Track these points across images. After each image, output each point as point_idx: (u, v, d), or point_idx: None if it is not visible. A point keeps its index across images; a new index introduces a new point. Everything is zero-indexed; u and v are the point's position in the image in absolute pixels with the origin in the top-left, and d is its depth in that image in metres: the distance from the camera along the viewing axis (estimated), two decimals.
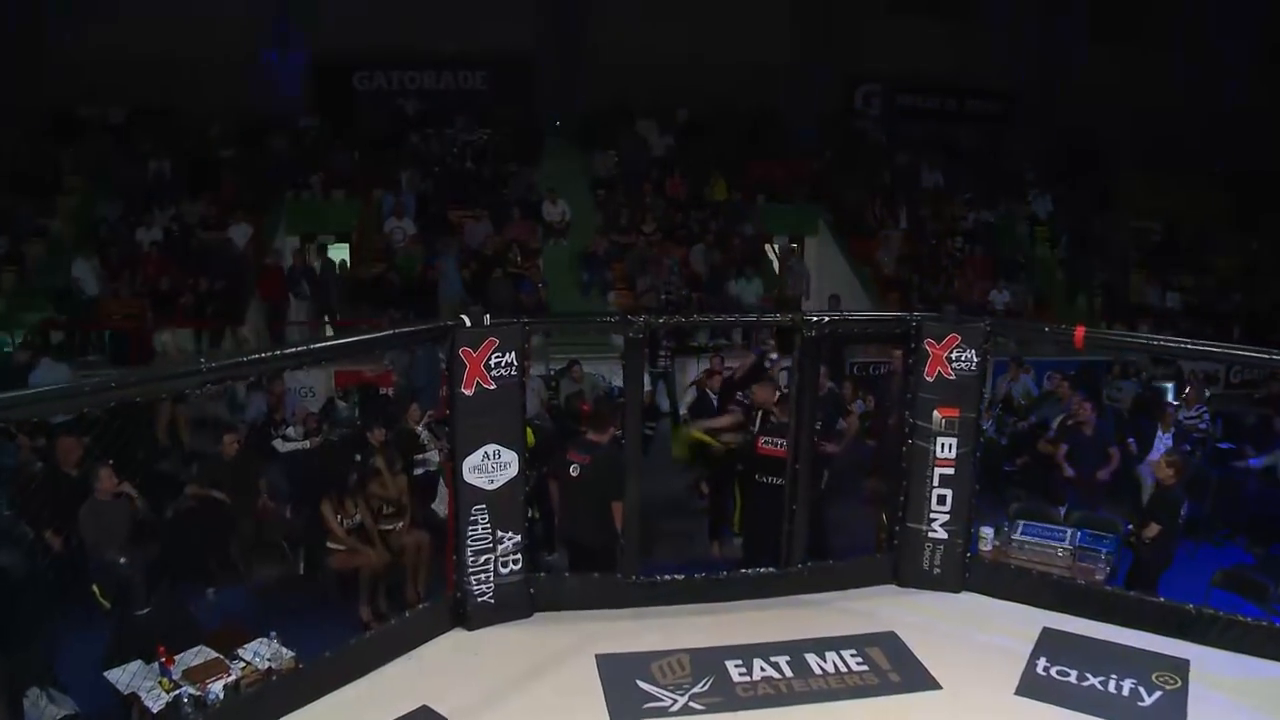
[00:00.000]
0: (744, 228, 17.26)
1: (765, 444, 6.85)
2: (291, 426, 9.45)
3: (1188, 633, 6.16)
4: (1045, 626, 6.21)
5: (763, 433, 6.97)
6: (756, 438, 6.98)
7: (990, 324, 6.25)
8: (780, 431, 6.93)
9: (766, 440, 6.86)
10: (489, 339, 5.36)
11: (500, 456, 5.54)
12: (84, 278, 13.10)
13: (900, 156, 20.14)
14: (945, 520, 6.51)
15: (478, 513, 5.54)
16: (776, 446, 6.78)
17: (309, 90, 18.11)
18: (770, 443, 6.84)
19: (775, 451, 6.77)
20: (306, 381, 12.10)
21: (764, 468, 6.81)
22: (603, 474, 6.11)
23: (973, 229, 18.28)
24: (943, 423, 6.35)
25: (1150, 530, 6.96)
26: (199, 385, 4.17)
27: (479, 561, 5.60)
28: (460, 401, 5.37)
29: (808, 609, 6.25)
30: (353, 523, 7.17)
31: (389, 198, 15.30)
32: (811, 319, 5.92)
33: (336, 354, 4.71)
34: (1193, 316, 16.88)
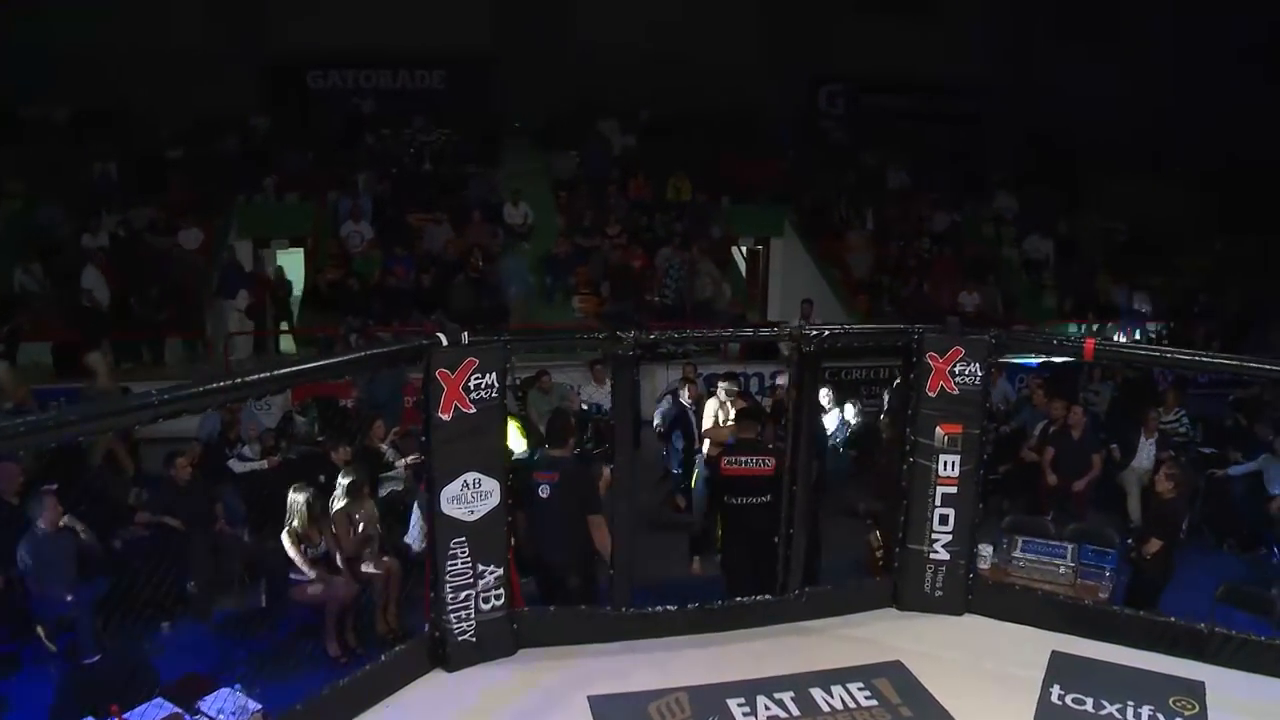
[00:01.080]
0: (711, 230, 16.93)
1: (729, 464, 6.55)
2: (248, 445, 8.94)
3: (1200, 653, 5.92)
4: (1054, 650, 5.92)
5: (729, 452, 6.68)
6: (720, 458, 6.65)
7: (995, 336, 5.96)
8: (751, 449, 6.63)
9: (731, 460, 6.56)
10: (468, 359, 4.95)
11: (481, 485, 5.13)
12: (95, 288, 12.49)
13: (866, 157, 19.96)
14: (947, 541, 6.21)
15: (457, 546, 5.12)
16: (742, 465, 6.49)
17: (261, 89, 17.52)
18: (735, 462, 6.53)
19: (742, 471, 6.48)
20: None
21: (731, 489, 6.51)
22: (574, 489, 5.77)
23: (941, 230, 18.12)
24: (945, 439, 6.04)
25: (1151, 546, 6.75)
26: (151, 420, 3.71)
27: (459, 598, 5.18)
28: (437, 427, 4.95)
29: (808, 638, 5.91)
30: (317, 552, 6.72)
31: (345, 200, 14.78)
32: (810, 333, 5.58)
33: (304, 379, 4.26)
34: (1161, 317, 16.87)
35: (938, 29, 21.01)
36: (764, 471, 6.61)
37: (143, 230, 13.98)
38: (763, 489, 6.60)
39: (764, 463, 6.62)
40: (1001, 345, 6.03)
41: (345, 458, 7.67)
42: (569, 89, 18.81)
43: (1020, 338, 6.15)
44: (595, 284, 15.60)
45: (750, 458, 6.61)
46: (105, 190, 14.76)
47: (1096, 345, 5.82)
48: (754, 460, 6.60)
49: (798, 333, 5.55)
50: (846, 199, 18.46)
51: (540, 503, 5.70)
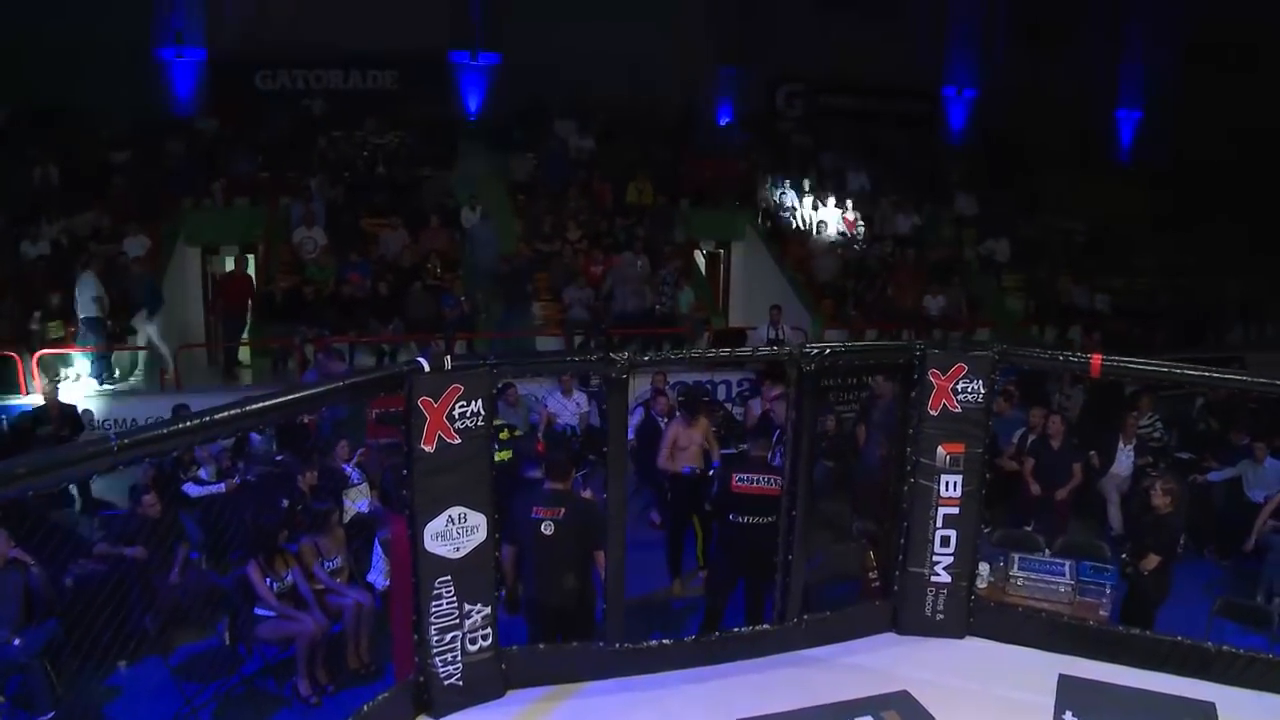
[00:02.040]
0: (673, 234, 16.66)
1: (740, 481, 6.28)
2: (203, 467, 8.46)
3: (1207, 672, 5.78)
4: (1060, 674, 5.74)
5: (739, 469, 6.41)
6: (730, 474, 6.38)
7: (999, 353, 5.74)
8: (759, 468, 6.38)
9: (742, 478, 6.29)
10: (453, 386, 4.59)
11: (466, 520, 4.78)
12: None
13: (825, 158, 19.83)
14: (949, 563, 6.00)
15: (442, 585, 4.77)
16: (753, 484, 6.24)
17: (208, 90, 16.83)
18: (746, 480, 6.28)
19: (753, 489, 6.22)
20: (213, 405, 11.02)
21: (739, 506, 6.24)
22: (582, 525, 5.41)
23: (904, 233, 18.04)
24: (947, 459, 5.83)
25: (1150, 562, 6.59)
26: (109, 469, 3.33)
27: (444, 640, 4.83)
28: (419, 459, 4.59)
29: (809, 668, 5.65)
30: (284, 585, 6.31)
31: (297, 205, 14.21)
32: (810, 352, 5.31)
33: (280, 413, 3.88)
34: (1121, 318, 16.93)
35: (892, 29, 20.98)
36: (772, 492, 6.35)
37: (86, 238, 13.30)
38: (769, 509, 6.36)
39: (774, 482, 6.36)
40: (1005, 361, 5.82)
41: (313, 482, 7.28)
42: (524, 89, 18.44)
43: (1023, 354, 5.92)
44: (556, 290, 15.26)
45: (763, 476, 6.34)
46: (46, 195, 14.05)
47: (1103, 362, 5.61)
48: (766, 479, 6.34)
49: (798, 352, 5.27)
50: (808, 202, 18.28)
51: (542, 540, 5.34)
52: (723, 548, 6.55)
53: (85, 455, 3.28)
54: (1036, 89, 20.41)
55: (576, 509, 5.48)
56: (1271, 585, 8.31)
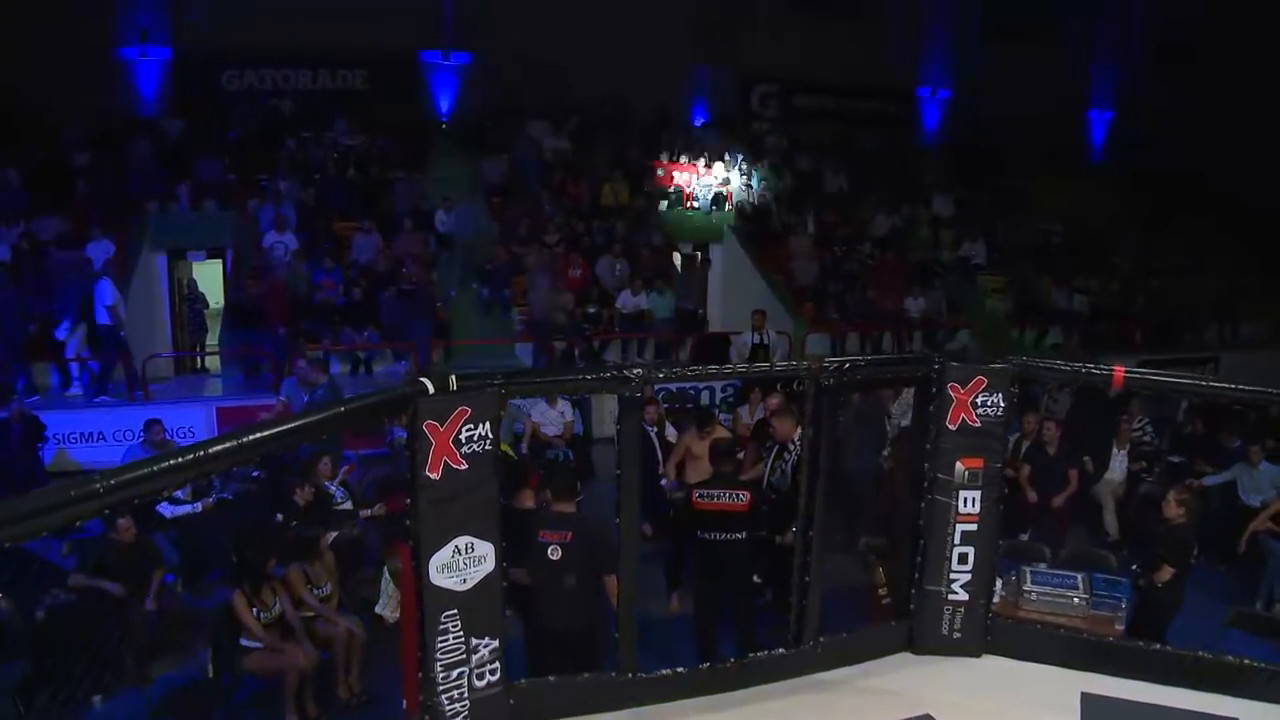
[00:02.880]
0: (652, 236, 16.43)
1: (701, 498, 6.12)
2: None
3: (1229, 687, 5.61)
4: (1083, 692, 5.54)
5: (701, 486, 6.25)
6: (691, 492, 6.17)
7: (1019, 365, 5.55)
8: (725, 484, 6.20)
9: (703, 494, 6.14)
10: (460, 408, 4.30)
11: (474, 550, 4.48)
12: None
13: (802, 160, 19.69)
14: (966, 580, 5.78)
15: (448, 620, 4.47)
16: (715, 500, 6.09)
17: (172, 90, 16.32)
18: (708, 496, 6.11)
19: (715, 506, 6.07)
20: (182, 421, 10.68)
21: (704, 524, 6.09)
22: (592, 549, 5.15)
23: (882, 235, 17.94)
24: (966, 475, 5.61)
25: (1164, 574, 6.45)
26: (96, 513, 3.02)
27: (451, 677, 4.53)
28: (424, 488, 4.29)
29: (827, 693, 5.41)
30: (271, 615, 5.99)
31: (267, 208, 13.81)
32: (829, 366, 5.08)
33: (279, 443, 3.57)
34: (1099, 320, 16.95)
35: (867, 30, 20.91)
36: (738, 507, 6.18)
37: (48, 243, 12.82)
38: (737, 525, 6.18)
39: (738, 497, 6.19)
40: (1026, 374, 5.63)
41: (308, 497, 6.98)
42: (496, 89, 18.12)
43: (1044, 365, 5.73)
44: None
45: (724, 492, 6.18)
46: (6, 199, 13.52)
47: (1126, 374, 5.44)
48: (728, 495, 6.18)
49: (816, 367, 5.04)
50: (786, 203, 18.15)
51: (548, 566, 5.07)
52: (700, 567, 6.31)
53: (67, 500, 2.95)
54: (1009, 90, 20.40)
55: (585, 532, 5.21)
56: (1272, 591, 8.27)
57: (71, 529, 8.12)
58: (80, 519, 3.02)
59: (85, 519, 3.03)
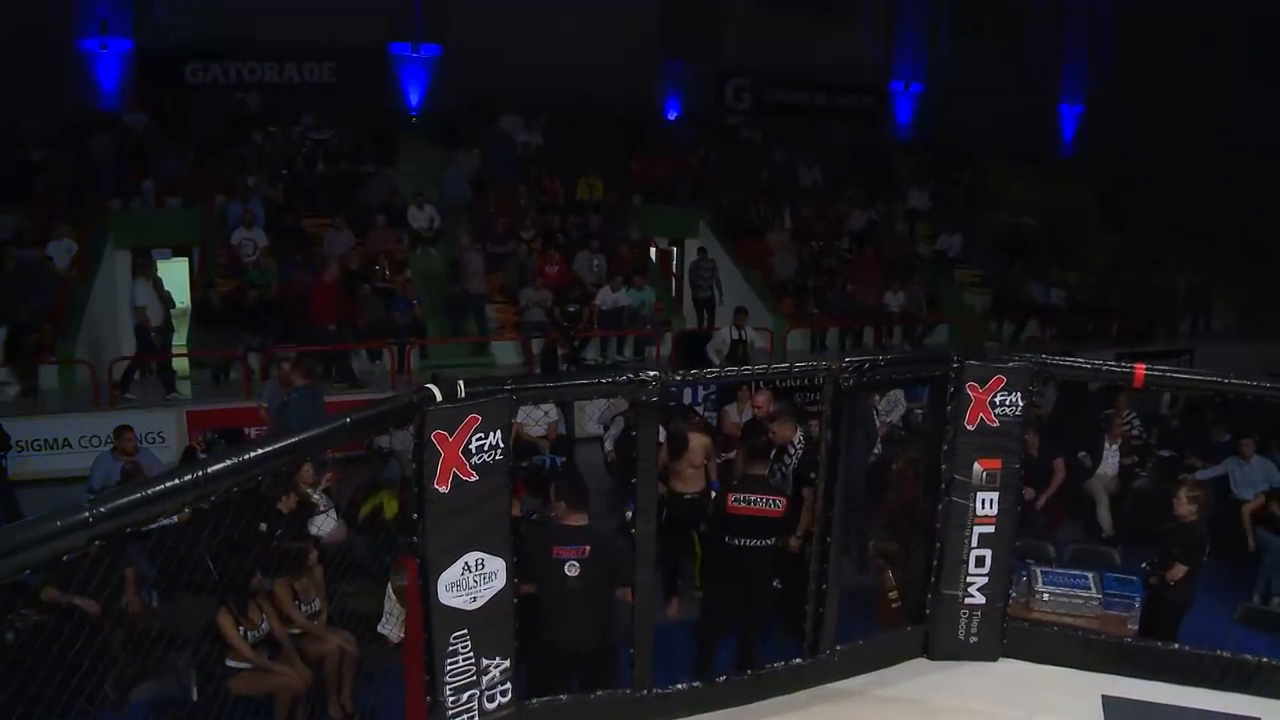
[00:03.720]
0: (629, 231, 16.20)
1: (737, 502, 5.85)
2: None
3: (1249, 686, 5.50)
4: (1103, 695, 5.41)
5: (734, 490, 5.97)
6: (726, 494, 5.94)
7: (1038, 364, 5.39)
8: (760, 488, 5.96)
9: (739, 499, 5.87)
10: (470, 416, 4.05)
11: (484, 566, 4.23)
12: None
13: (776, 153, 19.54)
14: (983, 584, 5.62)
15: (458, 640, 4.21)
16: (752, 505, 5.83)
17: (135, 84, 15.76)
18: (743, 500, 5.85)
19: (750, 510, 5.81)
20: (151, 426, 10.28)
21: (734, 529, 5.82)
22: (610, 563, 4.90)
23: (859, 229, 17.84)
24: (984, 476, 5.45)
25: (1176, 572, 6.33)
26: (87, 546, 2.73)
27: (461, 700, 4.28)
28: (433, 501, 4.03)
29: (849, 703, 5.23)
30: (259, 633, 5.69)
31: (235, 205, 13.39)
32: (848, 367, 4.88)
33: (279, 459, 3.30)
34: (1076, 313, 16.96)
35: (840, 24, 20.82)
36: (773, 513, 5.96)
37: (7, 242, 12.31)
38: (769, 531, 5.97)
39: (774, 503, 5.96)
40: (1044, 373, 5.47)
41: (292, 505, 6.68)
42: (467, 83, 17.78)
43: (1062, 364, 5.58)
44: (511, 292, 14.70)
45: (761, 497, 5.93)
46: None
47: (1147, 372, 5.30)
48: (764, 500, 5.94)
49: (836, 367, 4.84)
50: (763, 197, 17.99)
51: (564, 583, 4.81)
52: (718, 573, 6.10)
53: (52, 533, 2.65)
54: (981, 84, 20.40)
55: (601, 544, 4.94)
56: (1269, 585, 8.22)
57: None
58: (68, 553, 2.72)
59: (74, 553, 2.73)
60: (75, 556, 2.74)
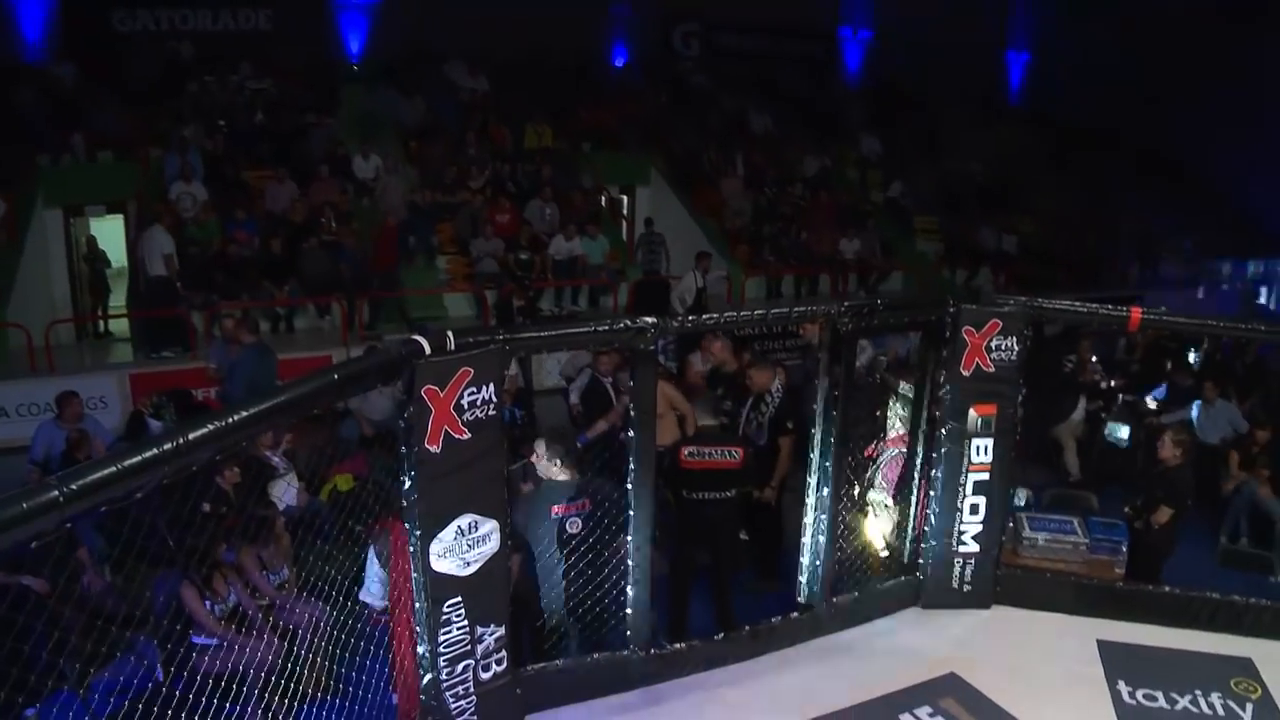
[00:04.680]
0: (580, 179, 15.83)
1: (691, 456, 5.69)
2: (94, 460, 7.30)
3: (1238, 626, 5.53)
4: (1098, 639, 5.40)
5: (686, 443, 5.82)
6: (679, 449, 5.75)
7: (1033, 308, 5.26)
8: (715, 440, 5.81)
9: (691, 452, 5.70)
10: (462, 369, 3.78)
11: (478, 529, 3.99)
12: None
13: (726, 100, 19.21)
14: (977, 531, 5.55)
15: (452, 609, 3.98)
16: (706, 458, 5.68)
17: (60, 32, 14.80)
18: (697, 454, 5.69)
19: (705, 464, 5.66)
20: (91, 390, 9.76)
21: (691, 483, 5.66)
22: (612, 517, 4.70)
23: (812, 175, 17.66)
24: (979, 422, 5.35)
25: (1161, 515, 6.31)
26: (58, 528, 2.43)
27: (456, 671, 4.06)
28: (424, 463, 3.77)
29: (847, 656, 5.13)
30: (226, 607, 5.38)
31: (171, 158, 12.73)
32: (847, 311, 4.70)
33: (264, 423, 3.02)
34: (1027, 259, 17.03)
35: None
36: (730, 464, 5.80)
37: None
38: (727, 483, 5.81)
39: (731, 454, 5.80)
40: (1039, 316, 5.34)
41: (235, 479, 6.30)
42: (409, 30, 17.08)
43: (1057, 307, 5.45)
44: (462, 243, 14.29)
45: (715, 449, 5.78)
46: None
47: (1143, 316, 5.21)
48: (719, 452, 5.78)
49: (836, 311, 4.65)
50: (714, 144, 17.70)
51: (568, 541, 4.59)
52: (679, 528, 5.91)
53: (19, 515, 2.34)
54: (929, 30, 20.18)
55: (601, 496, 4.76)
56: (1237, 527, 8.28)
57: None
58: (37, 538, 2.42)
59: (43, 538, 2.42)
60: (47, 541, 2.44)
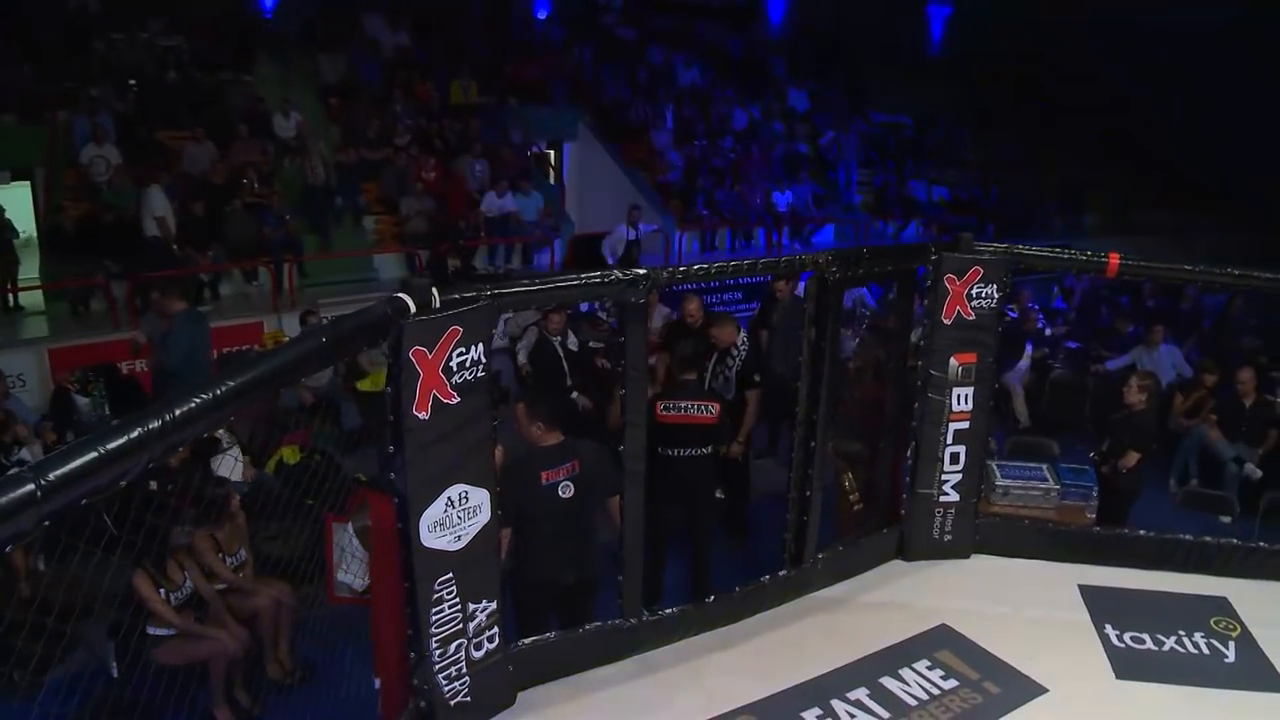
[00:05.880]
0: (509, 134, 15.41)
1: (666, 410, 5.52)
2: (25, 447, 6.82)
3: (1210, 566, 5.62)
4: (1079, 584, 5.44)
5: (662, 397, 5.62)
6: (655, 403, 5.57)
7: (1013, 254, 5.18)
8: (691, 394, 5.65)
9: (668, 406, 5.54)
10: (451, 328, 3.51)
11: (468, 500, 3.74)
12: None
13: (652, 52, 18.89)
14: (957, 481, 5.50)
15: (443, 586, 3.73)
16: (683, 413, 5.55)
17: None
18: (673, 409, 5.55)
19: (681, 419, 5.53)
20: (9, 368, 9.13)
21: (667, 439, 5.48)
22: (601, 477, 4.47)
23: (743, 128, 17.51)
24: (960, 371, 5.28)
25: (1129, 459, 6.37)
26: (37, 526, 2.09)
27: (448, 652, 3.82)
28: (412, 431, 3.50)
29: (836, 613, 5.05)
30: (183, 594, 5.05)
31: (81, 120, 11.95)
32: (834, 260, 4.54)
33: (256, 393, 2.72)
34: (957, 211, 17.18)
35: None
36: (707, 420, 5.67)
37: None
38: (704, 439, 5.68)
39: (708, 409, 5.67)
40: (1019, 262, 5.27)
41: (184, 455, 5.92)
42: None
43: (1036, 254, 5.39)
44: (390, 201, 13.82)
45: (692, 404, 5.64)
46: None
47: (1121, 261, 5.18)
48: (696, 407, 5.64)
49: (824, 260, 4.49)
50: (642, 97, 17.40)
51: (558, 507, 4.34)
52: (660, 486, 5.78)
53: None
54: None
55: (590, 458, 4.48)
56: (1185, 469, 8.45)
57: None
58: (13, 541, 2.08)
59: (22, 539, 2.09)
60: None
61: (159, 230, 10.85)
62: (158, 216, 10.80)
